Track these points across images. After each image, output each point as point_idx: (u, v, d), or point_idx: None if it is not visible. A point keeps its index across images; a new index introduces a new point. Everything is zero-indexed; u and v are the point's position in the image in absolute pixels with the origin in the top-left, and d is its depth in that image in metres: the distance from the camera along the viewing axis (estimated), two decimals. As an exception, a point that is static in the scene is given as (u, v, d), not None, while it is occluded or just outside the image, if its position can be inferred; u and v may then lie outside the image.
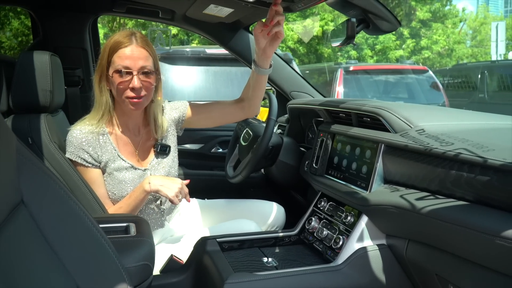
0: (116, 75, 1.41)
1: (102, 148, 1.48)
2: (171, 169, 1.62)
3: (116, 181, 1.49)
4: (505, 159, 0.96)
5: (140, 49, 1.42)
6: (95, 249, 0.87)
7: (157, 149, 1.58)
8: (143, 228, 1.20)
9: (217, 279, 1.31)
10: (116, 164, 1.49)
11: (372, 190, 1.39)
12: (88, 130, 1.47)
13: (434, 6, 20.16)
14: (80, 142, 1.45)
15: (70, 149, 1.45)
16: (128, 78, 1.41)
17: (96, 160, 1.47)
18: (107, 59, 1.43)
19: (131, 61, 1.40)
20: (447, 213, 1.07)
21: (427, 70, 7.36)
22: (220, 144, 2.60)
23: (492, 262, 0.99)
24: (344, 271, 1.34)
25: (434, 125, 1.34)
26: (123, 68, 1.40)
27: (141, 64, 1.41)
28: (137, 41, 1.42)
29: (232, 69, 4.72)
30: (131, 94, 1.42)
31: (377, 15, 1.44)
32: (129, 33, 1.44)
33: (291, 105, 2.18)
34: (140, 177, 1.52)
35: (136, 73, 1.41)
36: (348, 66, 7.02)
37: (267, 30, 1.44)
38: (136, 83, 1.40)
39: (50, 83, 1.46)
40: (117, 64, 1.41)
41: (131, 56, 1.40)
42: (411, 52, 19.67)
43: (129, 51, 1.41)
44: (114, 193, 1.50)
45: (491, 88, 9.00)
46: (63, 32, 2.13)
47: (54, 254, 0.79)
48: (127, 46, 1.41)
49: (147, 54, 1.43)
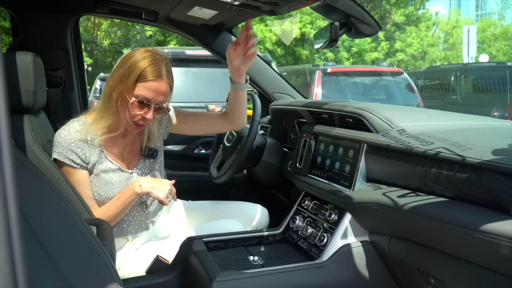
0: (136, 103, 1.41)
1: (90, 149, 1.47)
2: (157, 172, 1.63)
3: (103, 182, 1.49)
4: (482, 157, 1.02)
5: (166, 85, 1.43)
6: (86, 250, 0.87)
7: (145, 152, 1.59)
8: (104, 231, 1.20)
9: (204, 278, 1.32)
10: (104, 165, 1.49)
11: (355, 188, 1.44)
12: (76, 131, 1.46)
13: (408, 10, 20.57)
14: (69, 143, 1.44)
15: (58, 149, 1.44)
16: (144, 107, 1.42)
17: (84, 161, 1.46)
18: (133, 79, 1.39)
19: (155, 95, 1.41)
20: (428, 210, 1.12)
21: (402, 72, 7.51)
22: (203, 145, 2.61)
23: (471, 255, 1.04)
24: (329, 268, 1.38)
25: (414, 125, 1.39)
26: (145, 100, 1.41)
27: (161, 99, 1.43)
28: (166, 76, 1.42)
29: (212, 70, 4.72)
30: (140, 122, 1.45)
31: (358, 19, 1.48)
32: (160, 60, 1.42)
33: (273, 106, 2.21)
34: (127, 179, 1.52)
35: (153, 106, 1.42)
36: (326, 68, 7.09)
37: (242, 51, 1.48)
38: (150, 116, 1.43)
39: (33, 84, 1.44)
40: (140, 93, 1.40)
41: (157, 91, 1.41)
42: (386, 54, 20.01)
43: (157, 86, 1.40)
44: (100, 194, 1.49)
45: (464, 90, 9.26)
46: (44, 32, 2.10)
47: (47, 254, 0.80)
48: (156, 80, 1.40)
49: (169, 90, 1.45)
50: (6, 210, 0.36)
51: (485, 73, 8.91)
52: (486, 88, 8.73)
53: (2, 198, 0.36)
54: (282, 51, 17.38)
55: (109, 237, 1.20)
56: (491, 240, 0.93)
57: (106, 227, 1.25)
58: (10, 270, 0.37)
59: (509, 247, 0.90)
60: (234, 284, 1.28)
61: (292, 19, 16.38)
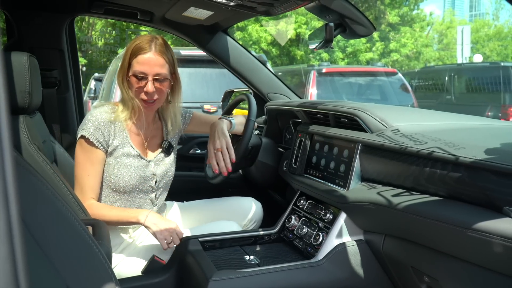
0: (133, 78, 1.52)
1: (116, 133, 1.55)
2: (171, 167, 1.71)
3: (122, 165, 1.55)
4: (475, 156, 1.03)
5: (157, 56, 1.51)
6: (83, 250, 0.87)
7: (165, 145, 1.68)
8: (101, 231, 1.21)
9: (201, 277, 1.33)
10: (125, 149, 1.56)
11: (350, 188, 1.45)
12: (107, 113, 1.55)
13: (403, 10, 20.66)
14: (99, 122, 1.52)
15: (87, 126, 1.51)
16: (143, 82, 1.51)
17: (107, 143, 1.53)
18: (128, 61, 1.53)
19: (148, 67, 1.50)
20: (422, 208, 1.13)
21: (396, 73, 7.54)
22: (199, 145, 2.61)
23: (464, 253, 1.05)
24: (324, 267, 1.39)
25: (408, 125, 1.40)
26: (140, 73, 1.50)
27: (156, 71, 1.51)
28: (156, 48, 1.51)
29: (208, 70, 4.72)
30: (145, 97, 1.53)
31: (353, 20, 1.49)
32: (150, 39, 1.53)
33: (269, 106, 2.22)
34: (145, 167, 1.59)
35: (151, 78, 1.51)
36: (321, 68, 7.11)
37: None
38: (150, 88, 1.50)
39: (29, 84, 1.44)
40: (135, 69, 1.51)
41: (148, 63, 1.50)
42: (380, 54, 20.08)
43: (147, 57, 1.50)
44: (117, 176, 1.55)
45: (458, 90, 9.31)
46: (39, 32, 2.10)
47: (43, 254, 0.80)
48: (146, 52, 1.50)
49: (163, 61, 1.52)
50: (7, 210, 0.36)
51: (478, 73, 8.97)
52: (480, 88, 8.79)
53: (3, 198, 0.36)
54: (277, 52, 17.41)
55: (105, 237, 1.21)
56: (484, 238, 0.94)
57: (102, 227, 1.26)
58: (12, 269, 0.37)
59: (501, 245, 0.92)
60: (230, 284, 1.29)
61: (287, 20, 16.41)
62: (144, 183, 1.60)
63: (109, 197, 1.58)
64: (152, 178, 1.62)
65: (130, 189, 1.57)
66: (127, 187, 1.56)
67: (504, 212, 0.96)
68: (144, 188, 1.61)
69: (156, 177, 1.63)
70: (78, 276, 0.83)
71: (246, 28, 16.35)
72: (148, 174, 1.60)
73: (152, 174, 1.62)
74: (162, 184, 1.67)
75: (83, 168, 1.52)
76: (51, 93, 2.14)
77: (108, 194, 1.58)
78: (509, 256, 0.91)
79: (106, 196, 1.58)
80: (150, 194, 1.64)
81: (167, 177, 1.69)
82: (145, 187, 1.61)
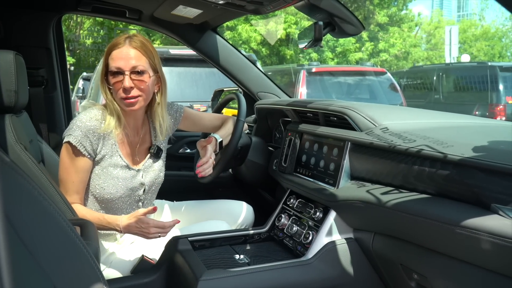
0: (111, 76, 1.44)
1: (104, 141, 1.49)
2: (160, 173, 1.65)
3: (109, 176, 1.50)
4: (463, 154, 1.04)
5: (132, 49, 1.44)
6: (70, 250, 0.86)
7: (154, 151, 1.62)
8: (88, 231, 1.20)
9: (190, 277, 1.32)
10: (113, 160, 1.51)
11: (339, 186, 1.45)
12: (96, 120, 1.48)
13: (391, 11, 20.81)
14: (88, 130, 1.45)
15: (75, 133, 1.44)
16: (120, 78, 1.43)
17: (94, 151, 1.48)
18: (105, 61, 1.47)
19: (123, 62, 1.42)
20: (410, 206, 1.13)
21: (385, 72, 7.60)
22: (188, 144, 2.60)
23: (453, 250, 1.06)
24: (314, 265, 1.39)
25: (397, 124, 1.41)
26: (115, 69, 1.42)
27: (133, 63, 1.43)
28: (130, 43, 1.45)
29: (197, 69, 4.70)
30: (123, 95, 1.44)
31: (342, 19, 1.50)
32: (126, 36, 1.47)
33: (258, 105, 2.22)
34: (133, 177, 1.54)
35: (128, 73, 1.42)
36: (311, 67, 7.13)
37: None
38: (127, 83, 1.41)
39: (15, 83, 1.43)
40: (110, 66, 1.44)
41: (123, 57, 1.42)
42: (370, 54, 20.21)
43: (121, 52, 1.43)
44: (103, 188, 1.50)
45: (446, 89, 9.40)
46: (26, 31, 2.07)
47: (30, 254, 0.79)
48: (120, 47, 1.44)
49: (139, 54, 1.45)
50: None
51: (466, 73, 9.06)
52: (468, 88, 8.88)
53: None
54: (267, 51, 17.43)
55: (93, 237, 1.19)
56: (472, 235, 0.95)
57: (90, 227, 1.24)
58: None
59: (489, 242, 0.92)
60: (220, 283, 1.28)
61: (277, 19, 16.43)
62: (131, 194, 1.55)
63: (94, 204, 1.54)
64: (140, 188, 1.58)
65: (116, 200, 1.53)
66: (112, 199, 1.52)
67: (492, 209, 0.97)
68: (132, 198, 1.57)
69: (145, 186, 1.59)
70: (65, 276, 0.82)
71: (236, 28, 16.34)
72: (136, 185, 1.56)
73: (140, 183, 1.57)
74: (151, 191, 1.64)
75: (67, 173, 1.47)
76: (38, 92, 2.11)
77: (93, 203, 1.54)
78: (497, 252, 0.92)
79: (91, 203, 1.54)
80: (138, 203, 1.60)
81: (156, 184, 1.65)
82: (132, 197, 1.57)
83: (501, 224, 0.92)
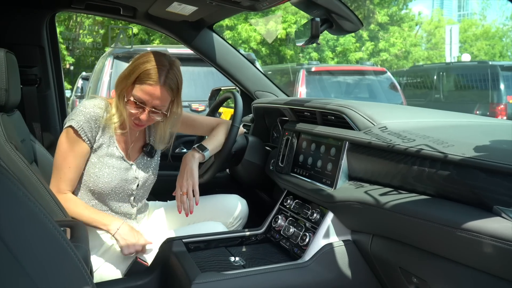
0: (131, 102, 1.45)
1: (104, 130, 1.52)
2: (153, 172, 1.67)
3: (105, 164, 1.52)
4: (464, 154, 1.00)
5: (163, 91, 1.44)
6: (57, 254, 0.83)
7: (147, 149, 1.64)
8: (79, 233, 1.18)
9: (184, 280, 1.29)
10: (110, 149, 1.54)
11: (337, 187, 1.42)
12: (100, 108, 1.50)
13: (391, 10, 20.76)
14: (91, 116, 1.48)
15: (78, 117, 1.46)
16: (140, 110, 1.46)
17: (93, 138, 1.50)
18: (133, 81, 1.45)
19: (149, 98, 1.44)
20: (410, 208, 1.10)
21: (385, 72, 7.57)
22: (185, 144, 2.57)
23: (453, 253, 1.03)
24: (311, 268, 1.36)
25: (396, 123, 1.38)
26: (139, 101, 1.45)
27: (156, 104, 1.45)
28: (164, 83, 1.44)
29: (195, 69, 4.68)
30: (136, 122, 1.49)
31: (340, 15, 1.46)
32: (162, 66, 1.44)
33: (256, 104, 2.18)
34: (126, 170, 1.57)
35: (148, 110, 1.46)
36: (310, 67, 7.12)
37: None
38: (144, 117, 1.47)
39: (6, 81, 1.41)
40: (136, 94, 1.45)
41: (151, 94, 1.44)
42: (370, 54, 20.16)
43: (152, 90, 1.43)
44: (98, 176, 1.51)
45: (447, 88, 9.38)
46: (19, 28, 2.04)
47: (13, 258, 0.76)
48: (153, 85, 1.43)
49: (167, 96, 1.47)
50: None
51: (467, 72, 9.04)
52: (468, 87, 8.85)
53: None
54: (266, 51, 17.39)
55: (84, 239, 1.17)
56: (474, 238, 0.92)
57: (80, 228, 1.22)
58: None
59: (491, 245, 0.89)
60: (214, 286, 1.25)
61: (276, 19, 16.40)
62: (125, 186, 1.56)
63: (87, 195, 1.54)
64: (134, 181, 1.59)
65: (109, 190, 1.54)
66: (106, 189, 1.53)
67: (494, 211, 0.94)
68: (124, 191, 1.58)
69: (138, 180, 1.60)
70: (51, 282, 0.79)
71: (235, 28, 16.30)
72: (130, 177, 1.58)
73: (134, 177, 1.59)
74: (144, 187, 1.64)
75: (64, 159, 1.48)
76: (31, 90, 2.08)
77: (85, 193, 1.54)
78: (500, 256, 0.89)
79: (83, 195, 1.54)
80: (130, 197, 1.61)
81: (149, 181, 1.66)
82: (125, 190, 1.58)
83: (503, 226, 0.89)
